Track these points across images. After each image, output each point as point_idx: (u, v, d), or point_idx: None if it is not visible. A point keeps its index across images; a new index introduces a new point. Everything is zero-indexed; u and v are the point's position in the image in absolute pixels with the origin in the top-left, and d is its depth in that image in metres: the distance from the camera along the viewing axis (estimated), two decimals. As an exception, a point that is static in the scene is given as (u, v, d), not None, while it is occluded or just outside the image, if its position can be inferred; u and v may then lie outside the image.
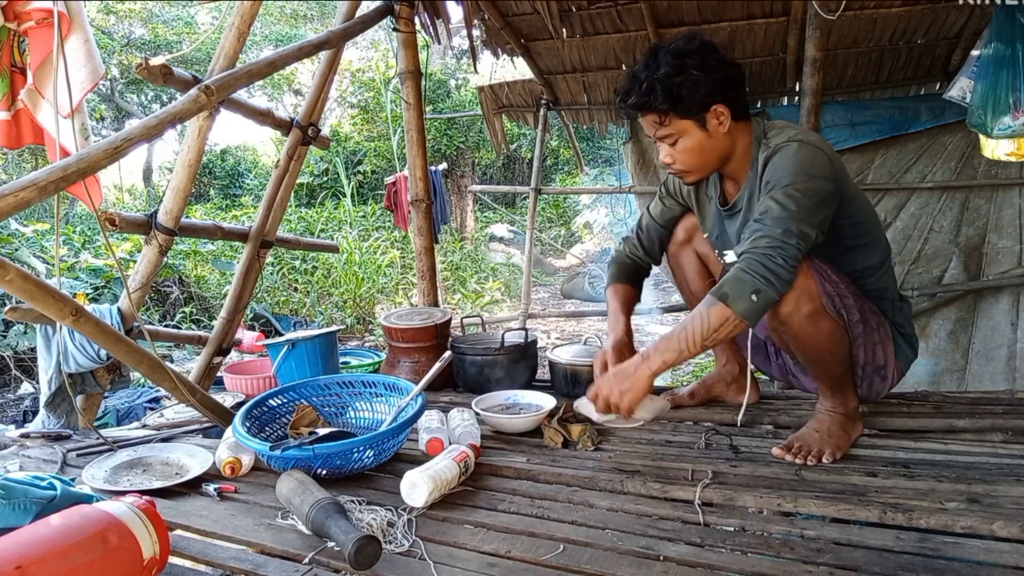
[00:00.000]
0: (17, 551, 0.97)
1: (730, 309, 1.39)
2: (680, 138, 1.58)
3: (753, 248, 1.42)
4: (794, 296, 1.47)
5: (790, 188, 1.44)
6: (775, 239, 1.40)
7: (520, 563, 1.20)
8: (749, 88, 4.06)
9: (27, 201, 1.33)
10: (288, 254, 7.31)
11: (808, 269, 1.50)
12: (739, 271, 1.41)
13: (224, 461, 1.60)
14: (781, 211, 1.42)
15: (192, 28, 11.80)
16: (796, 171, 1.46)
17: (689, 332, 1.43)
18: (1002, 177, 3.61)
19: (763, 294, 1.38)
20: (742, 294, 1.38)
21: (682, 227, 1.94)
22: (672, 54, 1.52)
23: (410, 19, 2.94)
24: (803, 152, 1.49)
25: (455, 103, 11.07)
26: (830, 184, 1.48)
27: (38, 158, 9.19)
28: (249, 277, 2.52)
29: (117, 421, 3.21)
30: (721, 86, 1.53)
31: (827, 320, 1.54)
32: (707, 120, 1.55)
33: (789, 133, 1.55)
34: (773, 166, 1.51)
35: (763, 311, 1.42)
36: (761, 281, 1.38)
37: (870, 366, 1.68)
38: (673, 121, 1.56)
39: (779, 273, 1.39)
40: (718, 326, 1.40)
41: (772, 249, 1.39)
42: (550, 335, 6.79)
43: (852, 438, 1.69)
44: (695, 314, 1.44)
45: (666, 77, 1.51)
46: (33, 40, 1.82)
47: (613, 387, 1.50)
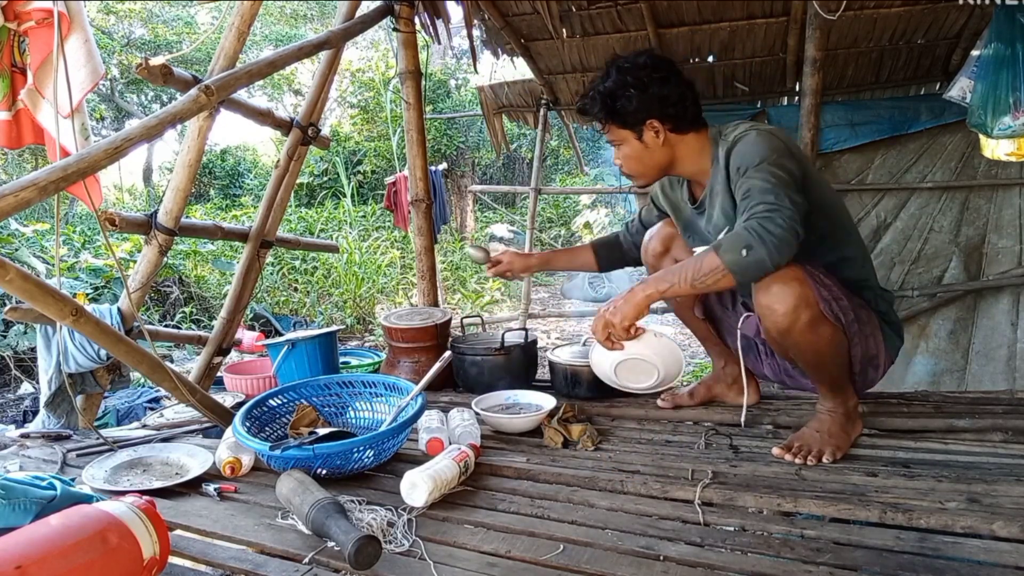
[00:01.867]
0: (17, 551, 0.97)
1: (720, 259, 1.45)
2: (621, 145, 1.73)
3: (751, 215, 1.45)
4: (794, 305, 1.49)
5: (763, 165, 1.51)
6: (770, 204, 1.44)
7: (520, 563, 1.20)
8: (750, 88, 4.07)
9: (27, 201, 1.33)
10: (288, 254, 7.31)
11: (804, 276, 1.51)
12: (738, 228, 1.47)
13: (224, 461, 1.60)
14: (765, 183, 1.47)
15: (192, 28, 11.80)
16: (764, 152, 1.53)
17: (683, 270, 1.52)
18: (1002, 177, 3.61)
19: (753, 251, 1.41)
20: (734, 247, 1.44)
21: (658, 238, 2.00)
22: (617, 69, 1.67)
23: (410, 19, 2.94)
24: (763, 137, 1.57)
25: (455, 103, 11.07)
26: (796, 165, 1.54)
27: (38, 158, 9.19)
28: (249, 277, 2.52)
29: (117, 421, 3.21)
30: (657, 103, 1.65)
31: (826, 326, 1.55)
32: (643, 132, 1.69)
33: (745, 126, 1.64)
34: (738, 154, 1.58)
35: (752, 270, 1.44)
36: (754, 238, 1.41)
37: (864, 360, 1.69)
38: (612, 129, 1.71)
39: (775, 232, 1.40)
40: (708, 272, 1.47)
41: (769, 211, 1.43)
42: (550, 335, 6.79)
43: (852, 437, 1.69)
44: (692, 258, 1.54)
45: (607, 90, 1.66)
46: (33, 40, 1.82)
47: (610, 310, 1.61)
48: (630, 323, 1.61)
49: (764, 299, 1.53)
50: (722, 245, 1.46)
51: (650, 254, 2.03)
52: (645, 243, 2.06)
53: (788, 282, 1.50)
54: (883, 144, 3.77)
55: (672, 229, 1.98)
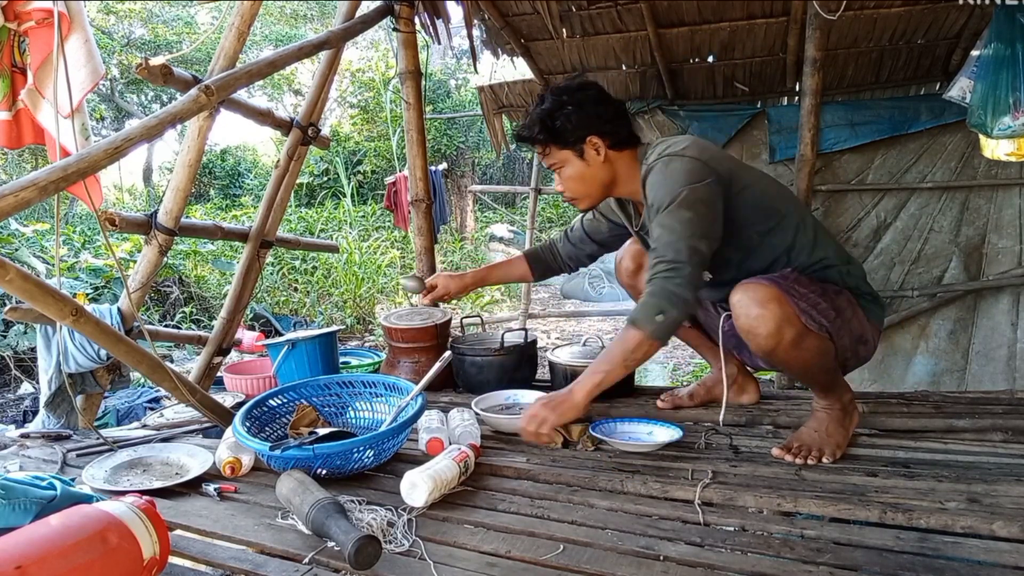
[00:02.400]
0: (17, 551, 0.97)
1: (641, 332, 1.52)
2: (563, 167, 1.73)
3: (654, 276, 1.54)
4: (776, 326, 1.50)
5: (671, 207, 1.54)
6: (669, 263, 1.52)
7: (520, 563, 1.20)
8: (750, 88, 4.06)
9: (27, 201, 1.33)
10: (288, 254, 7.31)
11: (780, 294, 1.51)
12: (645, 297, 1.54)
13: (224, 461, 1.60)
14: (669, 235, 1.53)
15: (192, 28, 11.80)
16: (670, 188, 1.56)
17: (611, 355, 1.58)
18: (1002, 177, 3.61)
19: (667, 314, 1.50)
20: (649, 317, 1.51)
21: (629, 256, 2.03)
22: (552, 92, 1.71)
23: (410, 19, 2.94)
24: (672, 167, 1.59)
25: (455, 103, 11.07)
26: (709, 187, 1.56)
27: (38, 158, 9.19)
28: (249, 277, 2.52)
29: (117, 421, 3.22)
30: (595, 120, 1.67)
31: (811, 338, 1.54)
32: (584, 150, 1.70)
33: (660, 149, 1.65)
34: (650, 187, 1.62)
35: (672, 329, 1.54)
36: (664, 302, 1.50)
37: (853, 342, 1.67)
38: (553, 151, 1.72)
39: (679, 293, 1.50)
40: (634, 348, 1.54)
41: (669, 271, 1.51)
42: (550, 335, 6.79)
43: (850, 431, 1.69)
44: (616, 339, 1.58)
45: (545, 112, 1.68)
46: (33, 40, 1.82)
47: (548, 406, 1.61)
48: (562, 423, 1.63)
49: (745, 324, 1.55)
50: (638, 319, 1.52)
51: (624, 273, 2.04)
52: (617, 263, 2.06)
53: (766, 304, 1.50)
54: (883, 144, 3.76)
55: (640, 245, 1.96)
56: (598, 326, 6.94)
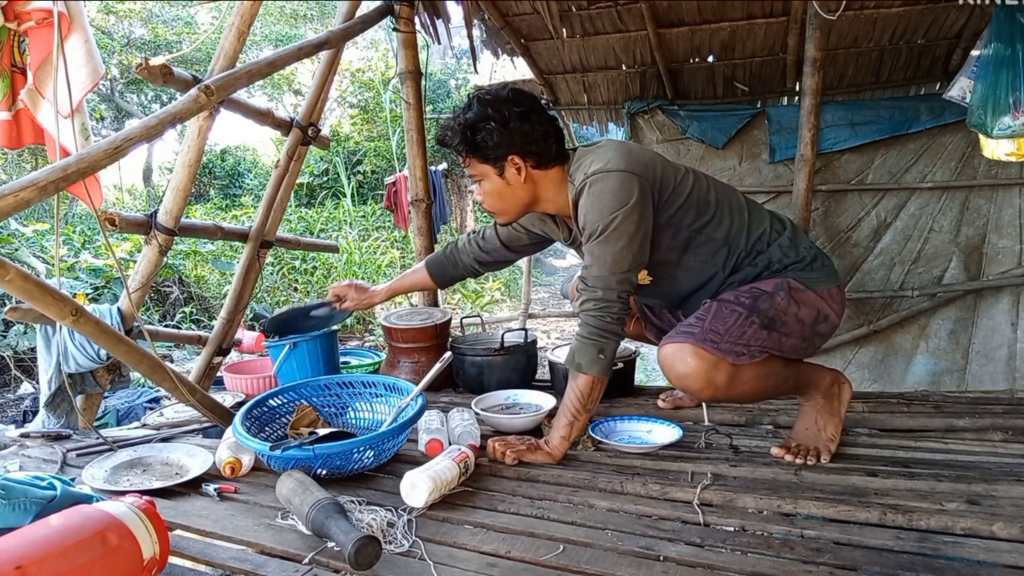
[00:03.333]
0: (17, 551, 0.97)
1: (589, 375, 1.58)
2: (482, 180, 1.67)
3: (584, 310, 1.58)
4: (705, 381, 1.52)
5: (601, 238, 1.53)
6: (599, 301, 1.56)
7: (520, 563, 1.20)
8: (750, 88, 4.07)
9: (27, 201, 1.33)
10: (288, 254, 7.31)
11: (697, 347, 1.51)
12: (580, 339, 1.59)
13: (224, 461, 1.60)
14: (599, 268, 1.55)
15: (192, 28, 11.80)
16: (600, 213, 1.52)
17: (570, 405, 1.62)
18: (1002, 177, 3.61)
19: (606, 349, 1.57)
20: (592, 359, 1.57)
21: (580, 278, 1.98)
22: (479, 101, 1.61)
23: (410, 19, 2.94)
24: (599, 188, 1.53)
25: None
26: (636, 207, 1.51)
27: (38, 158, 9.19)
28: (249, 277, 2.52)
29: (117, 421, 3.21)
30: (518, 139, 1.58)
31: (746, 370, 1.53)
32: (504, 168, 1.62)
33: (586, 166, 1.58)
34: (582, 210, 1.59)
35: (613, 359, 1.61)
36: (601, 341, 1.56)
37: (807, 332, 1.61)
38: (473, 163, 1.65)
39: (611, 328, 1.56)
40: (588, 391, 1.60)
41: (599, 311, 1.56)
42: (550, 335, 6.79)
43: (843, 411, 1.67)
44: (569, 389, 1.63)
45: (467, 123, 1.60)
46: (33, 40, 1.82)
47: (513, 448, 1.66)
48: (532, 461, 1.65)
49: (677, 382, 1.58)
50: (581, 363, 1.58)
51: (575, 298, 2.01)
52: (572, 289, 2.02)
53: (686, 361, 1.52)
54: (883, 144, 3.76)
55: None
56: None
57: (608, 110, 4.50)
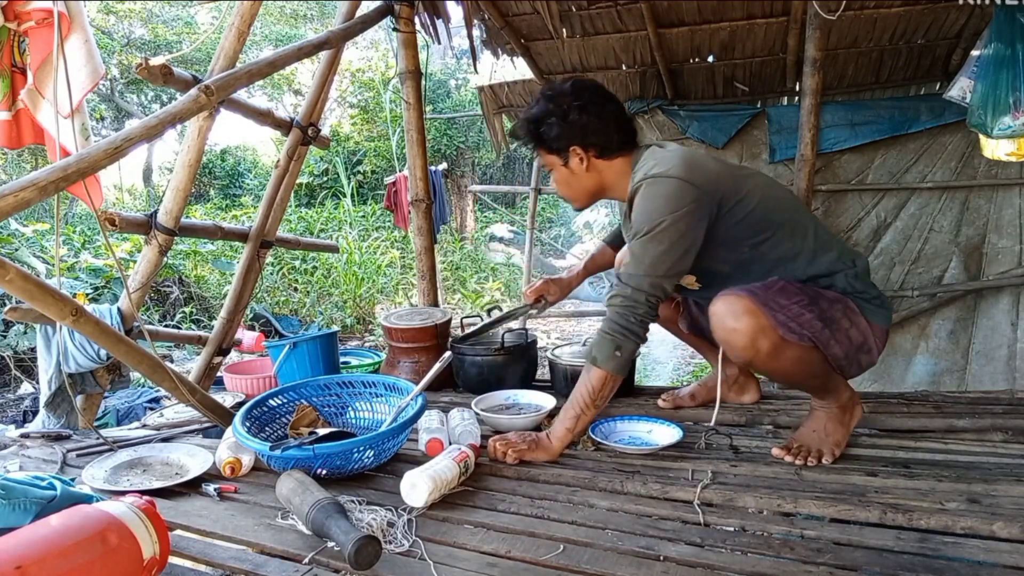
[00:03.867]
0: (17, 551, 0.97)
1: (603, 370, 1.59)
2: (551, 169, 1.77)
3: (610, 305, 1.60)
4: (750, 339, 1.49)
5: (645, 238, 1.56)
6: (627, 299, 1.58)
7: (520, 563, 1.20)
8: (750, 88, 4.06)
9: (27, 201, 1.33)
10: (288, 254, 7.31)
11: (755, 306, 1.49)
12: (600, 333, 1.61)
13: (224, 461, 1.60)
14: (636, 266, 1.58)
15: (192, 28, 11.80)
16: (650, 215, 1.55)
17: (579, 398, 1.63)
18: (1002, 177, 3.61)
19: (624, 348, 1.58)
20: (609, 355, 1.58)
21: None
22: (543, 96, 1.70)
23: (410, 19, 2.94)
24: (654, 190, 1.56)
25: (455, 103, 11.07)
26: (687, 216, 1.53)
27: (38, 158, 9.19)
28: (249, 277, 2.52)
29: (117, 421, 3.22)
30: (578, 131, 1.66)
31: (789, 349, 1.52)
32: (568, 158, 1.70)
33: (647, 166, 1.61)
34: (635, 209, 1.61)
35: (630, 359, 1.61)
36: (620, 338, 1.57)
37: (851, 351, 1.63)
38: (542, 154, 1.75)
39: (633, 330, 1.58)
40: (600, 386, 1.60)
41: (625, 308, 1.58)
42: (550, 335, 6.79)
43: (851, 428, 1.68)
44: (580, 383, 1.63)
45: (532, 118, 1.70)
46: (33, 40, 1.82)
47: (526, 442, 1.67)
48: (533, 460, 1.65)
49: (721, 335, 1.55)
50: (596, 357, 1.59)
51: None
52: (618, 260, 2.05)
53: (741, 317, 1.49)
54: (883, 144, 3.76)
55: None
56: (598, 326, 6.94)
57: (608, 110, 4.49)
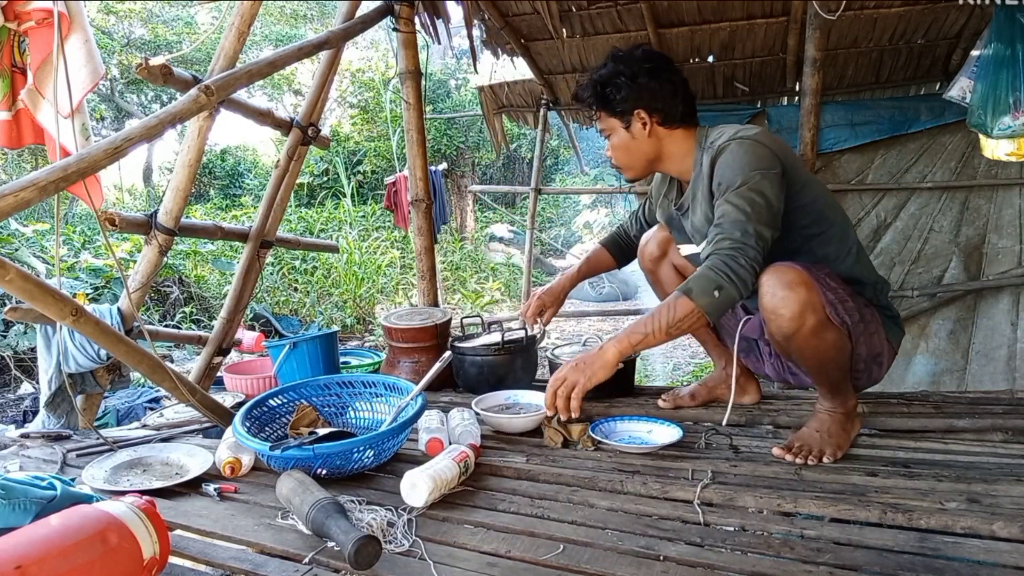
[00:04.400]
0: (17, 551, 0.97)
1: (694, 303, 1.47)
2: (611, 134, 1.74)
3: (717, 250, 1.50)
4: (800, 309, 1.49)
5: (742, 189, 1.52)
6: (736, 241, 1.48)
7: (520, 563, 1.20)
8: (750, 88, 4.07)
9: (27, 201, 1.33)
10: (288, 254, 7.31)
11: (810, 280, 1.51)
12: (704, 269, 1.49)
13: (224, 461, 1.60)
14: (737, 214, 1.50)
15: (192, 28, 11.80)
16: (743, 170, 1.54)
17: (656, 319, 1.51)
18: (1002, 177, 3.61)
19: (724, 291, 1.46)
20: (705, 290, 1.46)
21: (655, 242, 2.01)
22: (613, 58, 1.69)
23: (410, 19, 2.94)
24: (745, 149, 1.57)
25: (455, 103, 11.07)
26: (776, 177, 1.55)
27: (38, 158, 9.19)
28: (249, 277, 2.52)
29: (117, 421, 3.21)
30: (645, 95, 1.66)
31: (831, 330, 1.54)
32: (631, 122, 1.69)
33: (729, 133, 1.63)
34: (720, 167, 1.59)
35: (725, 308, 1.49)
36: (724, 279, 1.46)
37: (868, 358, 1.67)
38: (603, 117, 1.73)
39: (740, 273, 1.46)
40: (682, 317, 1.48)
41: (734, 250, 1.48)
42: (550, 335, 6.79)
43: (852, 436, 1.69)
44: (663, 304, 1.52)
45: (600, 78, 1.69)
46: (33, 40, 1.82)
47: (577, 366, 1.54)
48: (597, 383, 1.53)
49: (770, 303, 1.53)
50: (692, 289, 1.48)
51: (647, 258, 2.04)
52: (642, 247, 2.05)
53: (795, 287, 1.49)
54: (883, 144, 3.77)
55: (669, 233, 1.97)
56: (598, 326, 6.95)
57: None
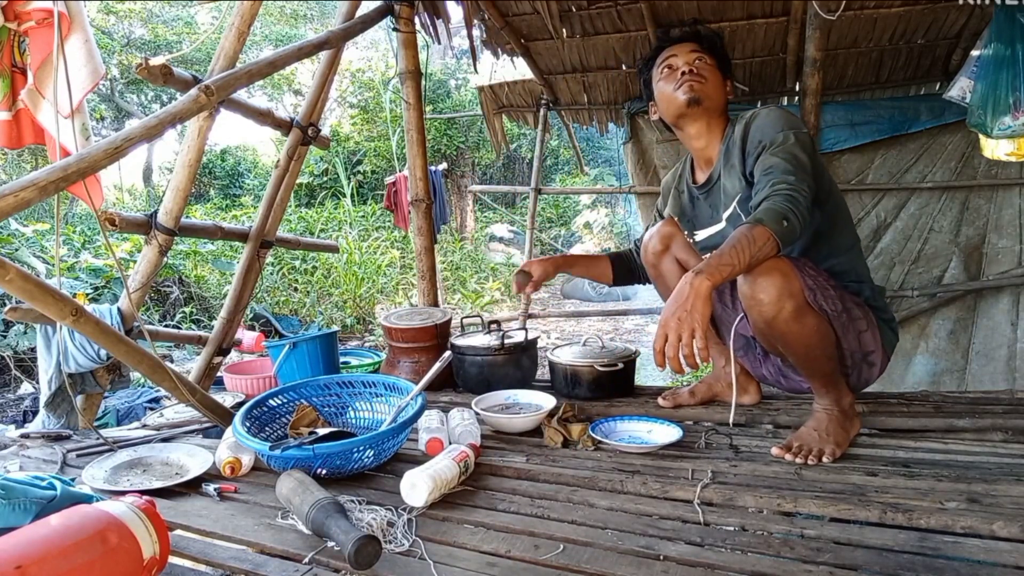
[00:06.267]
0: (17, 551, 0.97)
1: (769, 230, 1.44)
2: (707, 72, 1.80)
3: (776, 191, 1.51)
4: (777, 295, 1.50)
5: (787, 145, 1.58)
6: (791, 184, 1.50)
7: (520, 563, 1.20)
8: (750, 88, 4.07)
9: (27, 201, 1.33)
10: (288, 254, 7.31)
11: (788, 267, 1.53)
12: (770, 203, 1.49)
13: (224, 461, 1.60)
14: (787, 165, 1.54)
15: (192, 28, 11.81)
16: (782, 127, 1.62)
17: (739, 248, 1.43)
18: (1002, 177, 3.61)
19: (790, 222, 1.45)
20: (776, 219, 1.46)
21: (658, 237, 2.02)
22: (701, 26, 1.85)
23: (410, 19, 2.94)
24: (779, 112, 1.67)
25: (455, 103, 11.08)
26: (808, 140, 1.63)
27: (38, 158, 9.19)
28: (249, 277, 2.52)
29: (117, 421, 3.21)
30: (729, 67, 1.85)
31: (811, 315, 1.56)
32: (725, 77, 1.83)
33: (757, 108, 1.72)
34: (759, 127, 1.66)
35: (792, 238, 1.47)
36: (789, 211, 1.46)
37: (857, 355, 1.69)
38: (707, 60, 1.81)
39: (800, 210, 1.47)
40: (763, 243, 1.44)
41: (792, 189, 1.50)
42: (550, 335, 6.79)
43: (851, 435, 1.69)
44: (739, 235, 1.44)
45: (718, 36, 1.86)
46: (33, 40, 1.82)
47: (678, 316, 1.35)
48: (707, 323, 1.36)
49: (749, 290, 1.54)
50: (765, 219, 1.45)
51: (650, 253, 2.04)
52: (646, 241, 2.06)
53: (771, 273, 1.50)
54: (883, 144, 3.76)
55: (672, 228, 1.99)
56: (598, 326, 6.95)
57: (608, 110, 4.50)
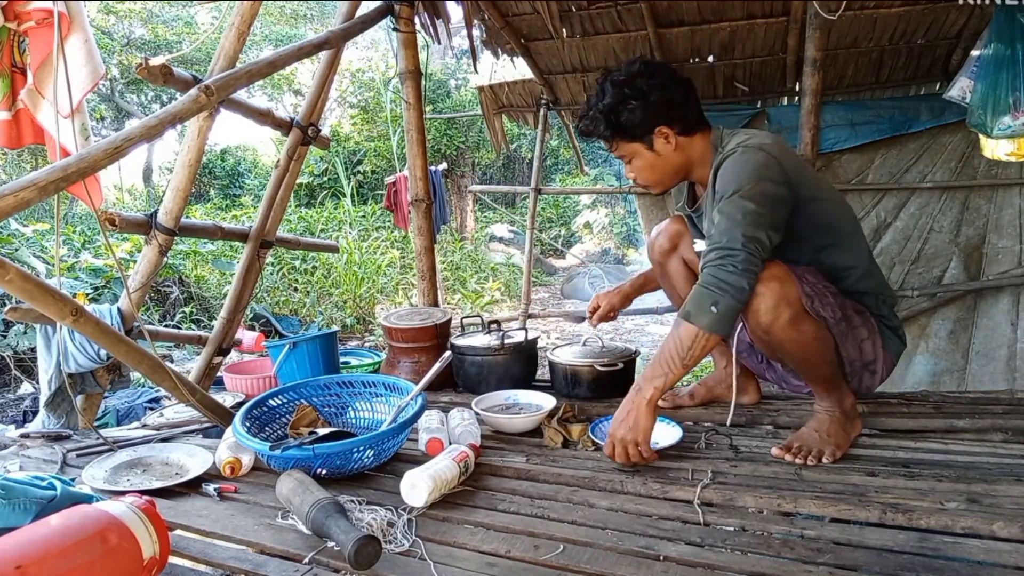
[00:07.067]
0: (17, 551, 0.97)
1: (695, 326, 1.45)
2: (633, 159, 1.69)
3: (706, 263, 1.48)
4: (774, 303, 1.49)
5: (735, 197, 1.50)
6: (723, 249, 1.46)
7: (520, 563, 1.20)
8: (750, 88, 4.06)
9: (27, 201, 1.33)
10: (288, 254, 7.31)
11: (784, 274, 1.51)
12: (697, 287, 1.48)
13: (224, 461, 1.60)
14: (727, 222, 1.48)
15: (192, 28, 11.80)
16: (740, 178, 1.52)
17: (667, 355, 1.49)
18: (1002, 177, 3.61)
19: (721, 303, 1.43)
20: (702, 308, 1.44)
21: (666, 235, 2.01)
22: (613, 84, 1.62)
23: (410, 19, 2.94)
24: (747, 157, 1.55)
25: (455, 103, 11.08)
26: (779, 187, 1.53)
27: (38, 158, 9.19)
28: (249, 277, 2.52)
29: (117, 421, 3.21)
30: (662, 109, 1.62)
31: (808, 322, 1.54)
32: (653, 141, 1.65)
33: (739, 139, 1.61)
34: (721, 174, 1.58)
35: (729, 319, 1.46)
36: (717, 292, 1.44)
37: (858, 363, 1.69)
38: (620, 145, 1.67)
39: (731, 281, 1.43)
40: (691, 344, 1.46)
41: (722, 260, 1.45)
42: (550, 335, 6.79)
43: (852, 437, 1.69)
44: (669, 337, 1.50)
45: (607, 108, 1.62)
46: (33, 40, 1.82)
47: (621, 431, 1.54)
48: (648, 435, 1.54)
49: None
50: (690, 312, 1.46)
51: (656, 251, 2.03)
52: (652, 239, 2.05)
53: (769, 281, 1.49)
54: (883, 144, 3.77)
55: (680, 226, 1.97)
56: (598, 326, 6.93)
57: (608, 110, 4.49)
